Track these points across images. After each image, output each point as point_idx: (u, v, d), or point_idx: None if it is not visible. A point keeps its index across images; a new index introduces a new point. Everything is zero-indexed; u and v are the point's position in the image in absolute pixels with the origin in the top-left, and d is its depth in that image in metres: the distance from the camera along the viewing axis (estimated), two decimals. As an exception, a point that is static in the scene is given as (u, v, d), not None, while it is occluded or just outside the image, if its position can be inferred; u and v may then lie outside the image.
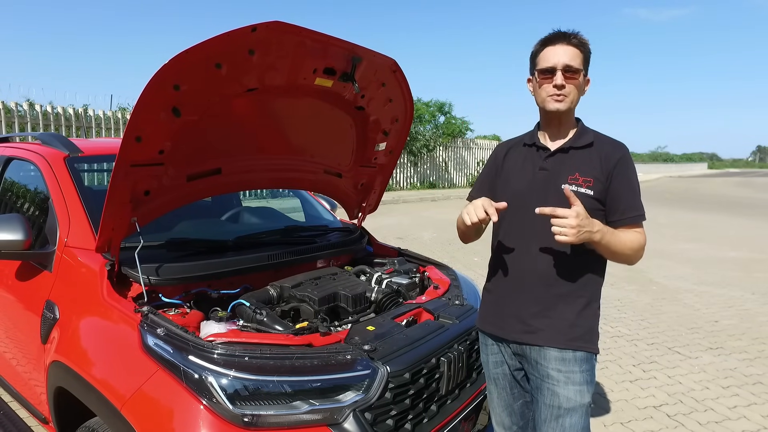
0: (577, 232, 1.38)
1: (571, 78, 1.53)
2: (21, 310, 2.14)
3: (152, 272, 1.79)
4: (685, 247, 8.71)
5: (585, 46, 1.56)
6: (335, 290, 2.02)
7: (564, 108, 1.56)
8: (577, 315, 1.57)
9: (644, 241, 1.56)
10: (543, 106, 1.60)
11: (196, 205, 2.51)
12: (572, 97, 1.55)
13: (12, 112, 10.26)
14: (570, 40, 1.54)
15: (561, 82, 1.53)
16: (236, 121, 1.95)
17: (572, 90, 1.54)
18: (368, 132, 2.42)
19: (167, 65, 1.50)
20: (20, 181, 2.65)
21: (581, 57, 1.55)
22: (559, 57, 1.53)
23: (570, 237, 1.38)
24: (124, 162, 1.65)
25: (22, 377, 2.23)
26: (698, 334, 4.46)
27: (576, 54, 1.54)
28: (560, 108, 1.56)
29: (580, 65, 1.54)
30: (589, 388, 1.58)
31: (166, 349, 1.49)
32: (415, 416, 1.65)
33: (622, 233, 1.53)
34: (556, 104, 1.56)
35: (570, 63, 1.52)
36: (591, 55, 1.59)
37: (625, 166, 1.56)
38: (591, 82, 1.63)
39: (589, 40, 1.57)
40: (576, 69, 1.53)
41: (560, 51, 1.54)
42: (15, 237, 1.95)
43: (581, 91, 1.59)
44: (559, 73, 1.53)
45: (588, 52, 1.58)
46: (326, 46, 1.82)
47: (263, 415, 1.40)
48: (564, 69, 1.52)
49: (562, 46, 1.54)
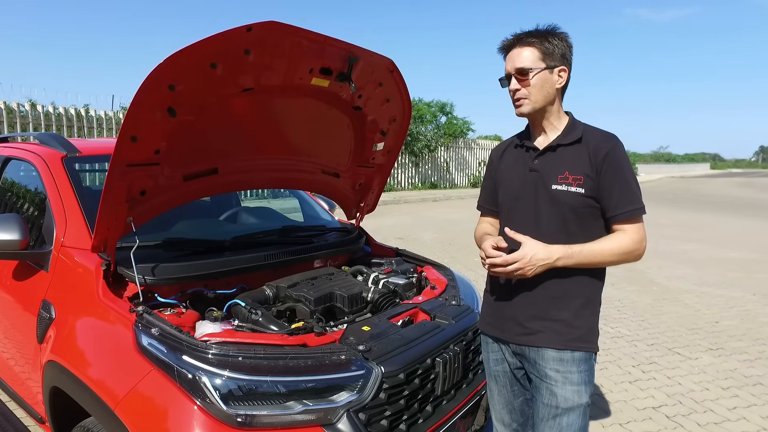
0: (529, 272, 1.48)
1: (522, 80, 1.53)
2: (18, 309, 2.14)
3: (148, 272, 1.79)
4: (687, 248, 8.69)
5: (541, 40, 1.52)
6: (331, 290, 2.01)
7: (527, 111, 1.57)
8: (574, 316, 1.56)
9: (634, 238, 1.51)
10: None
11: (193, 205, 2.51)
12: (533, 97, 1.54)
13: (14, 112, 10.29)
14: (523, 41, 1.54)
15: (513, 87, 1.55)
16: (233, 121, 1.95)
17: (530, 91, 1.53)
18: (366, 132, 2.42)
19: (162, 65, 1.49)
20: (18, 181, 2.65)
21: (536, 53, 1.52)
22: (510, 63, 1.55)
23: (528, 274, 1.48)
24: (119, 162, 1.65)
25: (19, 377, 2.24)
26: (698, 334, 4.44)
27: (528, 53, 1.52)
28: (523, 111, 1.58)
29: (535, 63, 1.51)
30: (587, 388, 1.57)
31: (161, 349, 1.49)
32: (410, 417, 1.65)
33: (600, 243, 1.51)
34: (519, 109, 1.58)
35: (520, 66, 1.52)
36: (564, 44, 1.54)
37: (615, 158, 1.51)
38: (591, 81, 1.64)
39: (590, 40, 1.59)
40: (526, 69, 1.51)
41: (512, 56, 1.55)
42: (12, 237, 1.95)
43: (547, 88, 1.54)
44: (513, 79, 1.55)
45: (550, 44, 1.52)
46: (322, 45, 1.82)
47: (257, 416, 1.39)
48: (516, 73, 1.53)
49: (514, 50, 1.55)
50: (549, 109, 1.58)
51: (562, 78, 1.56)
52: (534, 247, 1.47)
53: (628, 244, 1.50)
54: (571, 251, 1.48)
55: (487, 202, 1.81)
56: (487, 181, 1.82)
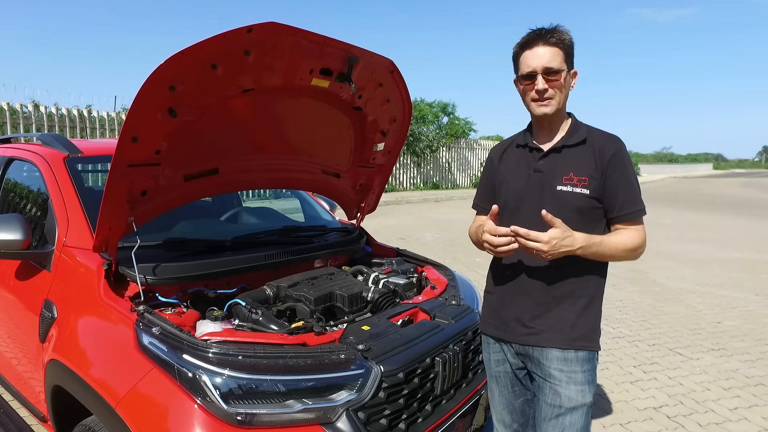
0: (549, 255, 1.44)
1: (552, 80, 1.51)
2: (20, 309, 2.15)
3: (149, 272, 1.80)
4: (689, 248, 8.67)
5: (565, 42, 1.52)
6: (331, 290, 2.02)
7: (550, 111, 1.55)
8: (578, 315, 1.57)
9: (642, 238, 1.55)
10: (529, 110, 1.60)
11: (194, 206, 2.52)
12: (557, 99, 1.54)
13: (17, 113, 10.33)
14: (548, 39, 1.50)
15: (543, 86, 1.51)
16: (233, 122, 1.96)
17: (556, 92, 1.53)
18: (366, 132, 2.43)
19: (162, 66, 1.50)
20: (21, 182, 2.67)
21: (562, 55, 1.51)
22: (538, 60, 1.50)
23: (545, 256, 1.44)
24: (120, 162, 1.66)
25: (22, 376, 2.25)
26: (700, 335, 4.44)
27: (555, 53, 1.50)
28: (546, 112, 1.55)
29: (561, 64, 1.51)
30: (590, 387, 1.58)
31: (161, 348, 1.49)
32: (409, 416, 1.65)
33: (613, 237, 1.53)
34: (542, 109, 1.55)
35: (549, 65, 1.49)
36: (574, 46, 1.55)
37: (621, 160, 1.53)
38: (593, 81, 1.64)
39: (592, 40, 1.59)
40: (556, 70, 1.50)
41: (539, 53, 1.51)
42: (14, 237, 1.97)
43: (567, 89, 1.57)
44: (539, 77, 1.51)
45: (569, 46, 1.53)
46: (322, 46, 1.83)
47: (256, 414, 1.40)
48: (544, 72, 1.50)
49: (540, 48, 1.51)
50: (561, 111, 1.60)
51: (575, 80, 1.59)
52: (562, 233, 1.44)
53: (637, 242, 1.54)
54: (592, 241, 1.48)
55: (483, 201, 1.81)
56: (484, 180, 1.82)
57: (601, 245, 1.49)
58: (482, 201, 1.82)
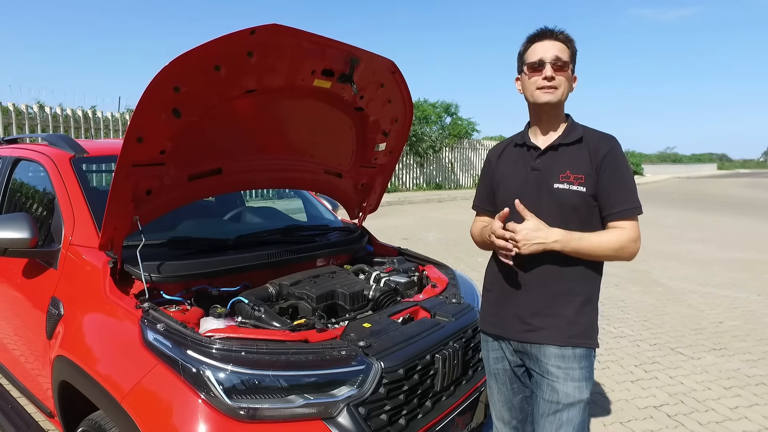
0: (523, 245, 1.48)
1: (560, 70, 1.56)
2: (28, 306, 2.19)
3: (154, 270, 1.83)
4: (691, 248, 8.66)
5: (571, 43, 1.60)
6: (333, 288, 2.05)
7: (555, 100, 1.58)
8: (576, 312, 1.59)
9: (631, 237, 1.54)
10: (533, 99, 1.61)
11: (198, 205, 2.55)
12: (562, 89, 1.58)
13: (23, 114, 10.41)
14: (557, 36, 1.58)
15: (551, 73, 1.55)
16: (236, 122, 1.98)
17: (562, 82, 1.57)
18: (368, 133, 2.45)
19: (167, 67, 1.53)
20: (28, 181, 2.70)
21: (569, 52, 1.59)
22: (547, 50, 1.57)
23: (521, 249, 1.49)
24: (125, 162, 1.69)
25: (29, 373, 2.29)
26: (702, 335, 4.44)
27: (563, 48, 1.58)
28: (551, 100, 1.57)
29: (568, 59, 1.58)
30: (587, 384, 1.60)
31: (166, 344, 1.52)
32: (409, 411, 1.68)
33: (597, 235, 1.54)
34: (547, 96, 1.57)
35: (559, 55, 1.56)
36: (577, 54, 1.62)
37: (614, 158, 1.56)
38: (596, 81, 1.68)
39: (594, 40, 1.63)
40: (565, 61, 1.56)
41: (548, 45, 1.57)
42: (22, 235, 2.00)
43: (570, 87, 1.61)
44: (548, 65, 1.56)
45: (574, 49, 1.61)
46: (324, 48, 1.85)
47: (259, 409, 1.43)
48: (553, 61, 1.55)
49: (549, 41, 1.58)
50: (562, 105, 1.64)
51: (575, 84, 1.64)
52: (535, 224, 1.50)
53: (625, 240, 1.54)
54: (570, 237, 1.50)
55: (482, 201, 1.84)
56: (483, 180, 1.85)
57: (582, 241, 1.51)
58: (482, 202, 1.85)
